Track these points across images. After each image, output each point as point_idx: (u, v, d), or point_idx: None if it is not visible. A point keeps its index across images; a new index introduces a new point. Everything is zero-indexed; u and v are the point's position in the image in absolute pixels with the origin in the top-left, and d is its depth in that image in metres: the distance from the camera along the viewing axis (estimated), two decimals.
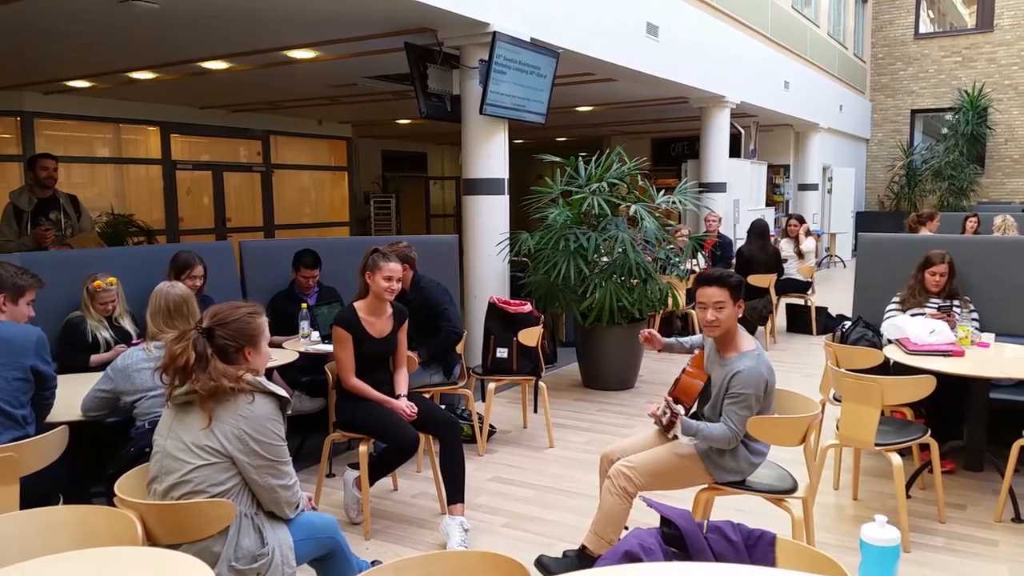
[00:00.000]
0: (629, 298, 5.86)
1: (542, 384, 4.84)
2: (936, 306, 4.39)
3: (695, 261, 7.31)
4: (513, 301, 5.00)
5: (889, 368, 3.92)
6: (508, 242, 6.22)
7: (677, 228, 7.66)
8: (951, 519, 3.59)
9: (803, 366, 6.69)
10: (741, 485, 2.90)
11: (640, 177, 6.59)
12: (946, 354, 3.79)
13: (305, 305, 4.56)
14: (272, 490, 2.27)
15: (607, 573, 1.66)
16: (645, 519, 2.56)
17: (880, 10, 17.88)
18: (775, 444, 2.91)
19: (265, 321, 2.42)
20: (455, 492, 3.47)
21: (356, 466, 3.57)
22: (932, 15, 17.92)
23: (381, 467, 3.55)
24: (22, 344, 2.83)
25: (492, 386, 4.72)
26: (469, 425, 4.66)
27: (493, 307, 4.95)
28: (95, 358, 3.76)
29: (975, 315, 4.39)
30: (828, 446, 3.55)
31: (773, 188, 14.25)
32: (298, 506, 2.39)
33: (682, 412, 2.89)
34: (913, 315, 4.26)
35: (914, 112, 17.81)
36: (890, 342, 4.16)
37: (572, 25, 6.87)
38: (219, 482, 2.20)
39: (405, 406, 3.51)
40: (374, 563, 2.77)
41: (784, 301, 8.39)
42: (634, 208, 6.16)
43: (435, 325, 4.43)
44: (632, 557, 1.78)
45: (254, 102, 10.65)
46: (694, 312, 4.28)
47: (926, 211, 8.06)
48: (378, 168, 15.66)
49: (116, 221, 9.30)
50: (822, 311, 8.34)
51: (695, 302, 2.98)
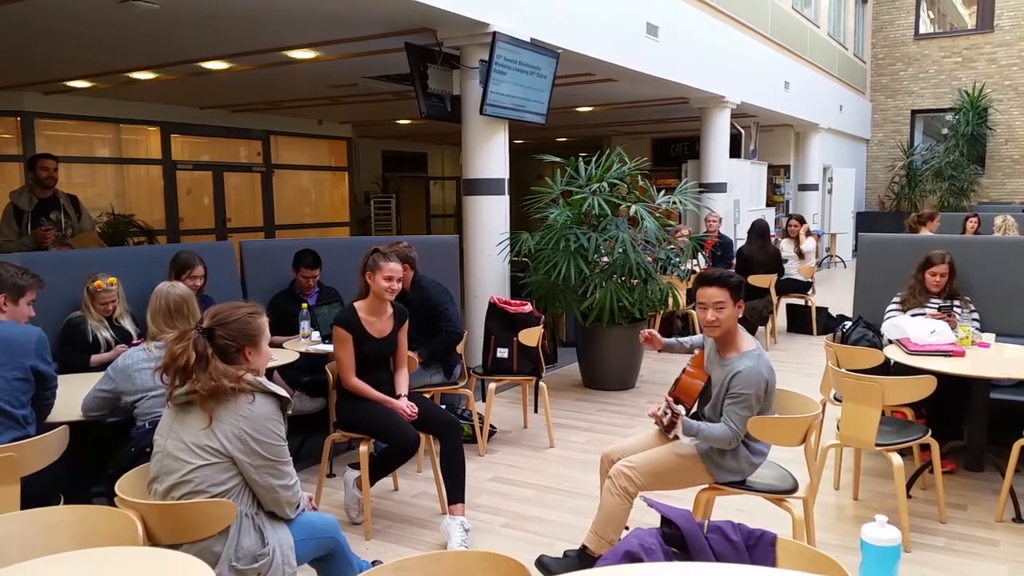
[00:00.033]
0: (629, 298, 5.86)
1: (542, 384, 4.84)
2: (936, 306, 4.39)
3: (695, 261, 7.31)
4: (513, 301, 5.00)
5: (889, 368, 3.92)
6: (508, 242, 6.22)
7: (677, 228, 7.65)
8: (951, 519, 3.59)
9: (803, 366, 6.69)
10: (742, 485, 2.90)
11: (640, 177, 6.59)
12: (946, 354, 3.79)
13: (305, 305, 4.56)
14: (273, 490, 2.27)
15: (607, 573, 1.66)
16: (645, 519, 2.56)
17: (880, 10, 17.89)
18: (775, 444, 2.92)
19: (265, 321, 2.42)
20: (455, 492, 3.47)
21: (356, 466, 3.57)
22: (932, 16, 17.92)
23: (381, 467, 3.55)
24: (22, 344, 2.83)
25: (492, 386, 4.72)
26: (469, 425, 4.66)
27: (493, 307, 4.95)
28: (95, 358, 3.76)
29: (975, 315, 4.39)
30: (829, 446, 3.55)
31: (773, 188, 14.25)
32: (299, 506, 2.39)
33: (683, 412, 2.89)
34: (913, 315, 4.26)
35: (914, 112, 17.81)
36: (891, 342, 4.16)
37: (572, 25, 6.87)
38: (220, 482, 2.20)
39: (405, 406, 3.51)
40: (374, 563, 2.77)
41: (784, 301, 8.39)
42: (634, 208, 6.16)
43: (435, 325, 4.43)
44: (633, 557, 1.78)
45: (254, 102, 10.66)
46: (694, 312, 4.29)
47: (926, 211, 8.06)
48: (378, 168, 15.66)
49: (116, 221, 9.31)
50: (822, 311, 8.34)
51: (695, 302, 2.99)
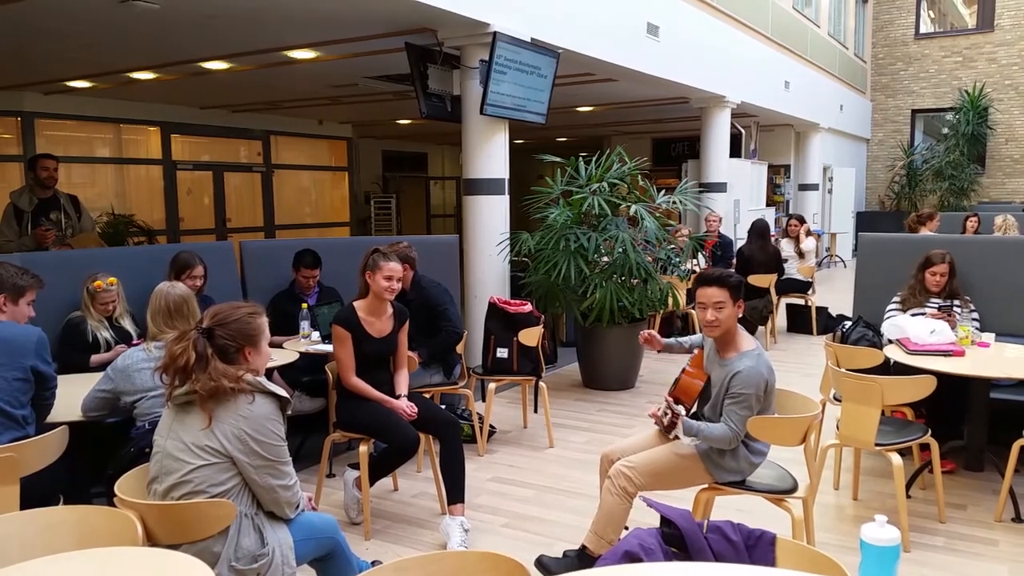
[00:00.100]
0: (629, 298, 5.86)
1: (542, 384, 4.84)
2: (936, 306, 4.39)
3: (695, 261, 7.31)
4: (513, 301, 5.00)
5: (889, 368, 3.92)
6: (508, 242, 6.22)
7: (677, 228, 7.66)
8: (951, 519, 3.59)
9: (803, 366, 6.69)
10: (741, 485, 2.90)
11: (640, 177, 6.59)
12: (946, 354, 3.79)
13: (305, 305, 4.56)
14: (272, 490, 2.27)
15: (607, 573, 1.66)
16: (645, 519, 2.56)
17: (880, 10, 17.89)
18: (775, 444, 2.92)
19: (265, 321, 2.42)
20: (455, 492, 3.47)
21: (356, 466, 3.57)
22: (932, 15, 17.92)
23: (381, 467, 3.55)
24: (22, 344, 2.83)
25: (492, 386, 4.72)
26: (469, 425, 4.66)
27: (493, 307, 4.95)
28: (95, 358, 3.76)
29: (975, 315, 4.39)
30: (828, 446, 3.55)
31: (773, 188, 14.25)
32: (298, 506, 2.39)
33: (683, 412, 2.89)
34: (913, 315, 4.26)
35: (914, 112, 17.81)
36: (890, 342, 4.16)
37: (572, 25, 6.87)
38: (219, 482, 2.20)
39: (405, 406, 3.51)
40: (374, 563, 2.77)
41: (784, 301, 8.39)
42: (634, 208, 6.16)
43: (435, 325, 4.43)
44: (632, 557, 1.78)
45: (254, 102, 10.66)
46: (694, 312, 4.29)
47: (926, 211, 8.05)
48: (378, 168, 15.66)
49: (116, 221, 9.31)
50: (822, 311, 8.34)
51: (695, 302, 2.99)
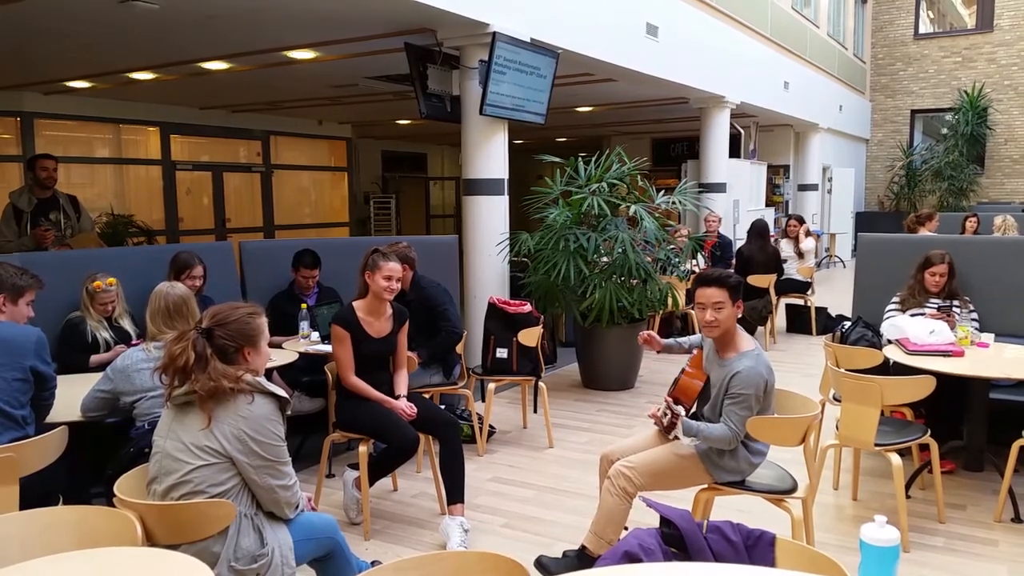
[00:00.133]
0: (629, 298, 5.86)
1: (542, 384, 4.84)
2: (936, 306, 4.39)
3: (695, 261, 7.31)
4: (513, 301, 5.00)
5: (889, 368, 3.92)
6: (508, 242, 6.22)
7: (677, 228, 7.66)
8: (951, 519, 3.59)
9: (803, 366, 6.69)
10: (741, 485, 2.90)
11: (640, 177, 6.59)
12: (946, 354, 3.79)
13: (305, 305, 4.56)
14: (272, 490, 2.27)
15: (607, 573, 1.66)
16: (645, 519, 2.56)
17: (880, 10, 17.89)
18: (775, 444, 2.92)
19: (264, 321, 2.42)
20: (455, 492, 3.47)
21: (356, 466, 3.57)
22: (932, 15, 17.92)
23: (381, 467, 3.55)
24: (22, 344, 2.83)
25: (492, 386, 4.72)
26: (469, 425, 4.66)
27: (493, 307, 4.95)
28: (95, 358, 3.76)
29: (975, 315, 4.39)
30: (828, 446, 3.55)
31: (773, 188, 14.25)
32: (298, 506, 2.39)
33: (683, 413, 2.89)
34: (913, 315, 4.26)
35: (914, 112, 17.82)
36: (890, 342, 4.16)
37: (572, 25, 6.87)
38: (219, 482, 2.20)
39: (405, 406, 3.51)
40: (374, 563, 2.77)
41: (784, 301, 8.39)
42: (634, 208, 6.16)
43: (435, 325, 4.43)
44: (632, 557, 1.78)
45: (254, 102, 10.65)
46: (694, 312, 4.29)
47: (925, 211, 8.05)
48: (378, 168, 15.66)
49: (116, 221, 9.31)
50: (822, 311, 8.34)
51: (694, 302, 2.99)
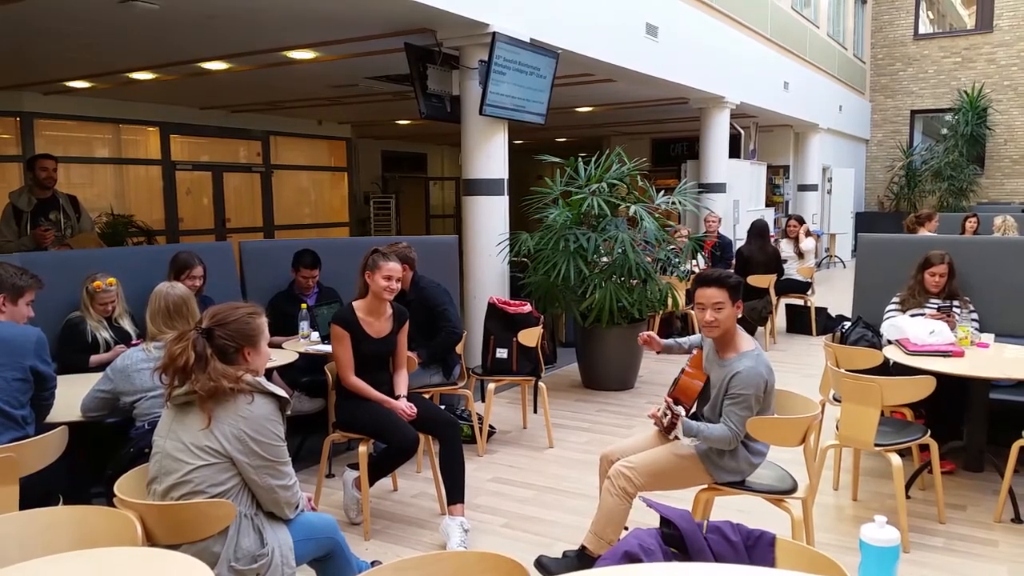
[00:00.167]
0: (629, 298, 5.86)
1: (542, 384, 4.84)
2: (936, 306, 4.39)
3: (695, 261, 7.31)
4: (513, 301, 5.00)
5: (889, 368, 3.92)
6: (508, 242, 6.22)
7: (677, 228, 7.66)
8: (951, 519, 3.59)
9: (803, 367, 6.69)
10: (741, 485, 2.90)
11: (640, 178, 6.58)
12: (946, 354, 3.79)
13: (305, 305, 4.56)
14: (272, 490, 2.27)
15: (607, 573, 1.66)
16: (645, 519, 2.56)
17: (880, 11, 17.90)
18: (775, 444, 2.92)
19: (264, 321, 2.42)
20: (455, 492, 3.47)
21: (356, 466, 3.57)
22: (931, 16, 17.93)
23: (381, 467, 3.55)
24: (22, 344, 2.83)
25: (492, 386, 4.72)
26: (469, 425, 4.66)
27: (493, 307, 4.95)
28: (95, 358, 3.76)
29: (975, 315, 4.39)
30: (828, 446, 3.55)
31: (773, 188, 14.25)
32: (298, 506, 2.39)
33: (683, 413, 2.89)
34: (913, 315, 4.26)
35: (914, 113, 17.82)
36: (890, 342, 4.16)
37: (572, 25, 6.87)
38: (219, 482, 2.20)
39: (404, 406, 3.51)
40: (374, 563, 2.78)
41: (784, 302, 8.39)
42: (634, 208, 6.16)
43: (435, 325, 4.43)
44: (632, 557, 1.78)
45: (254, 102, 10.65)
46: (694, 312, 4.29)
47: (924, 212, 8.06)
48: (378, 168, 15.66)
49: (116, 221, 9.31)
50: (822, 312, 8.34)
51: (694, 303, 2.99)
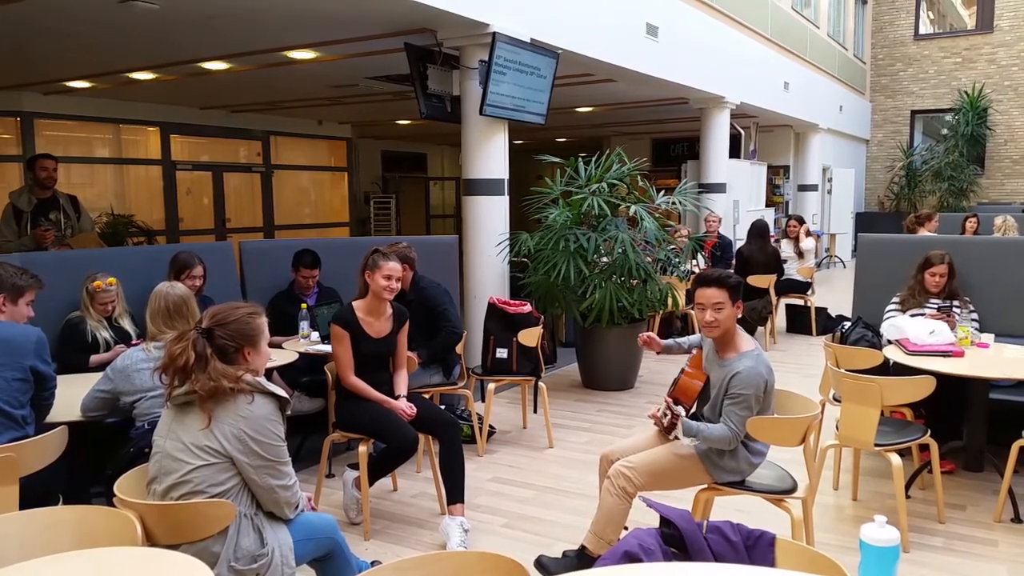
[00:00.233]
0: (629, 298, 5.86)
1: (542, 384, 4.84)
2: (936, 307, 4.39)
3: (695, 261, 7.31)
4: (513, 301, 5.00)
5: (889, 369, 3.92)
6: (508, 242, 6.22)
7: (677, 228, 7.66)
8: (950, 519, 3.59)
9: (803, 367, 6.69)
10: (741, 485, 2.90)
11: (640, 178, 6.58)
12: (946, 355, 3.79)
13: (305, 305, 4.56)
14: (272, 490, 2.27)
15: (607, 573, 1.66)
16: (645, 519, 2.56)
17: (880, 11, 17.89)
18: (775, 444, 2.92)
19: (264, 321, 2.42)
20: (455, 492, 3.47)
21: (356, 466, 3.57)
22: (932, 16, 17.93)
23: (381, 467, 3.55)
24: (22, 344, 2.83)
25: (492, 386, 4.72)
26: (469, 425, 4.66)
27: (493, 307, 4.95)
28: (95, 358, 3.76)
29: (975, 316, 4.39)
30: (828, 446, 3.55)
31: (773, 189, 14.25)
32: (298, 506, 2.39)
33: (683, 413, 2.89)
34: (913, 316, 4.26)
35: (914, 113, 17.82)
36: (890, 342, 4.16)
37: (572, 25, 6.87)
38: (219, 482, 2.20)
39: (404, 406, 3.51)
40: (374, 563, 2.78)
41: (784, 302, 8.39)
42: (634, 209, 6.16)
43: (435, 325, 4.43)
44: (632, 557, 1.78)
45: (254, 102, 10.65)
46: (694, 312, 4.29)
47: (924, 212, 8.06)
48: (378, 168, 15.66)
49: (116, 221, 9.31)
50: (822, 312, 8.34)
51: (694, 303, 2.98)
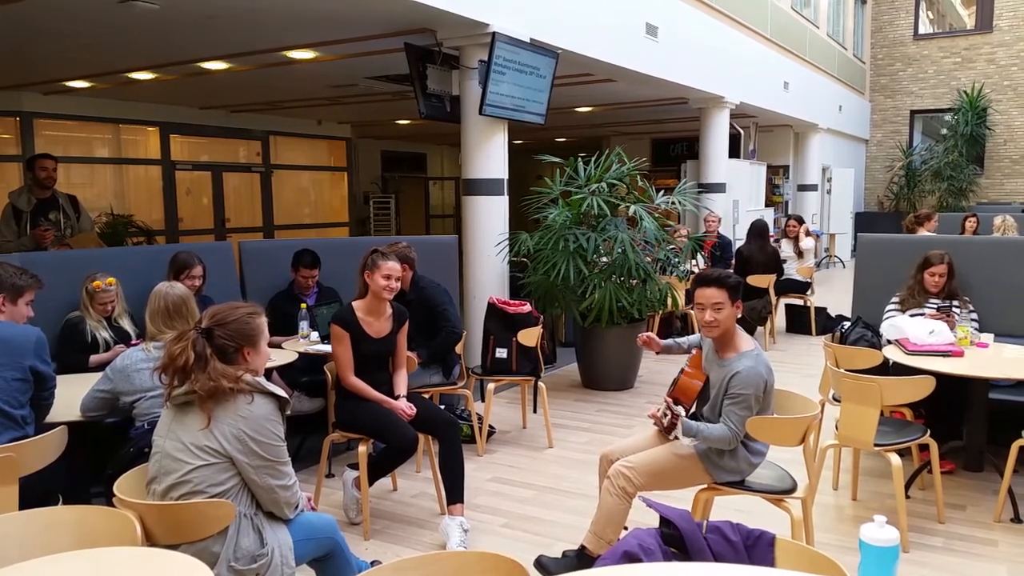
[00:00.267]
0: (628, 298, 5.86)
1: (541, 384, 4.84)
2: (935, 306, 4.39)
3: (694, 261, 7.31)
4: (512, 301, 5.00)
5: (888, 368, 3.92)
6: (507, 242, 6.22)
7: (676, 228, 7.66)
8: (950, 519, 3.59)
9: (802, 366, 6.69)
10: (740, 485, 2.90)
11: (639, 177, 6.58)
12: (945, 354, 3.79)
13: (304, 305, 4.56)
14: (271, 490, 2.27)
15: (606, 573, 1.66)
16: (645, 519, 2.56)
17: (879, 11, 17.90)
18: (775, 444, 2.92)
19: (264, 321, 2.42)
20: (454, 492, 3.47)
21: (355, 466, 3.57)
22: (931, 16, 17.93)
23: (380, 467, 3.55)
24: (21, 344, 2.83)
25: (491, 386, 4.72)
26: (468, 425, 4.66)
27: (492, 307, 4.95)
28: (94, 358, 3.76)
29: (974, 315, 4.39)
30: (827, 446, 3.55)
31: (772, 188, 14.25)
32: (297, 506, 2.39)
33: (683, 413, 2.89)
34: (912, 315, 4.26)
35: (913, 113, 17.82)
36: (889, 342, 4.16)
37: (572, 25, 6.87)
38: (218, 482, 2.20)
39: (404, 406, 3.51)
40: (373, 563, 2.78)
41: (783, 301, 8.39)
42: (633, 208, 6.16)
43: (434, 325, 4.43)
44: (631, 557, 1.78)
45: (254, 102, 10.65)
46: (693, 312, 4.30)
47: (924, 211, 8.05)
48: (377, 168, 15.66)
49: (116, 221, 9.31)
50: (821, 311, 8.34)
51: (694, 303, 2.98)
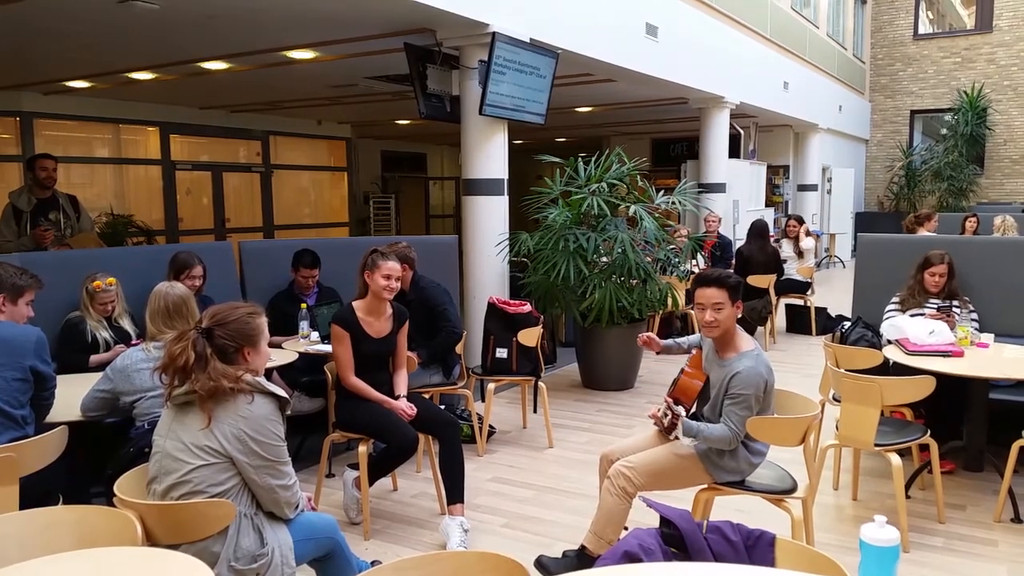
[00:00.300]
0: (629, 298, 5.86)
1: (542, 384, 4.84)
2: (935, 306, 4.39)
3: (694, 261, 7.31)
4: (513, 301, 5.00)
5: (889, 368, 3.92)
6: (508, 242, 6.22)
7: (676, 228, 7.66)
8: (950, 519, 3.59)
9: (803, 367, 6.69)
10: (741, 485, 2.90)
11: (639, 177, 6.58)
12: (945, 354, 3.79)
13: (304, 305, 4.56)
14: (272, 490, 2.27)
15: (607, 573, 1.66)
16: (645, 519, 2.56)
17: (879, 11, 17.90)
18: (775, 444, 2.92)
19: (264, 321, 2.42)
20: (455, 492, 3.47)
21: (356, 466, 3.57)
22: (931, 16, 17.93)
23: (381, 467, 3.55)
24: (21, 344, 2.83)
25: (492, 386, 4.72)
26: (469, 425, 4.66)
27: (493, 307, 4.95)
28: (94, 358, 3.76)
29: (974, 315, 4.39)
30: (828, 446, 3.55)
31: (772, 188, 14.26)
32: (298, 506, 2.39)
33: (683, 413, 2.89)
34: (912, 315, 4.26)
35: (913, 113, 17.82)
36: (889, 342, 4.16)
37: (572, 25, 6.87)
38: (218, 482, 2.20)
39: (404, 406, 3.51)
40: (374, 563, 2.78)
41: (783, 301, 8.39)
42: (633, 208, 6.16)
43: (435, 325, 4.43)
44: (632, 557, 1.78)
45: (254, 102, 10.65)
46: (693, 313, 4.30)
47: (924, 211, 8.05)
48: (377, 168, 15.66)
49: (116, 221, 9.31)
50: (821, 312, 8.34)
51: (694, 303, 2.98)
